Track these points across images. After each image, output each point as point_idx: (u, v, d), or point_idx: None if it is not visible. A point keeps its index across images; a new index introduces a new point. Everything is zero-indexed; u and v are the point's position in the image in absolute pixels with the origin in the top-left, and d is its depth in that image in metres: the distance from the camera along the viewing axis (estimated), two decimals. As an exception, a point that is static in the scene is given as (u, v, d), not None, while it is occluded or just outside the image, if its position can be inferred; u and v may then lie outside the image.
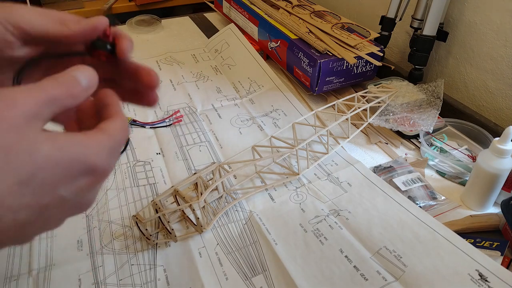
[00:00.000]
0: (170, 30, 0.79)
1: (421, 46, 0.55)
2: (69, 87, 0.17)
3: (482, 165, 0.38)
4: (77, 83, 0.18)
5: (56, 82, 0.17)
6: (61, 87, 0.17)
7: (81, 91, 0.18)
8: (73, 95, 0.18)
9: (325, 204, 0.40)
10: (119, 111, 0.20)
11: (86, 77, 0.18)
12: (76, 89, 0.18)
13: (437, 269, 0.33)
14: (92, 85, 0.19)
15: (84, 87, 0.18)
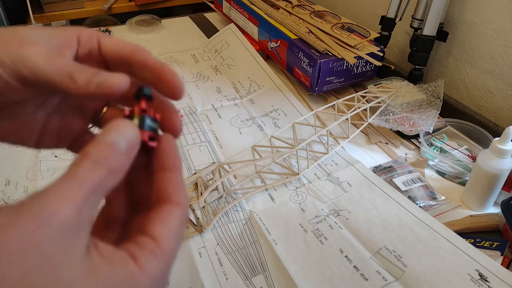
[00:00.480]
0: (170, 30, 0.79)
1: (421, 46, 0.55)
2: (109, 162, 0.14)
3: (482, 165, 0.38)
4: (117, 152, 0.14)
5: (90, 162, 0.14)
6: (99, 168, 0.14)
7: (124, 161, 0.15)
8: (116, 171, 0.14)
9: (325, 204, 0.40)
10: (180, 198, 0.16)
11: (125, 136, 0.15)
12: (118, 160, 0.14)
13: (437, 269, 0.33)
14: (134, 144, 0.15)
15: (126, 152, 0.15)
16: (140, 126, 0.16)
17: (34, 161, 0.46)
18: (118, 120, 0.15)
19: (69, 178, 0.13)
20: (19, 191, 0.42)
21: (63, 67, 0.16)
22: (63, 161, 0.46)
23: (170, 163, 0.17)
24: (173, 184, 0.17)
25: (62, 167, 0.45)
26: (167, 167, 0.17)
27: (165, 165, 0.17)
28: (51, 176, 0.44)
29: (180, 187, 0.17)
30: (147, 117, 0.17)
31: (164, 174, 0.17)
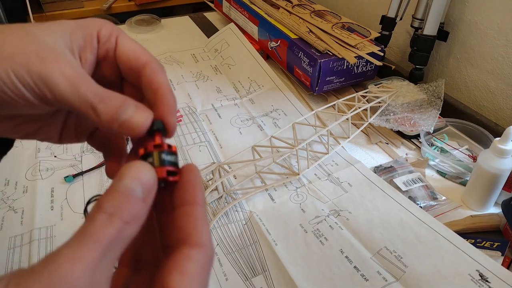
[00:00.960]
0: (170, 29, 0.79)
1: (422, 46, 0.55)
2: (125, 212, 0.13)
3: (482, 165, 0.38)
4: (133, 200, 0.13)
5: (104, 215, 0.13)
6: (114, 221, 0.13)
7: (141, 207, 0.14)
8: (134, 219, 0.13)
9: (325, 204, 0.40)
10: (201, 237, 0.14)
11: (139, 180, 0.14)
12: (134, 208, 0.13)
13: (437, 270, 0.33)
14: (151, 186, 0.14)
15: (143, 197, 0.14)
16: (157, 163, 0.15)
17: (33, 161, 0.46)
18: (131, 164, 0.14)
19: (82, 236, 0.12)
20: (19, 191, 0.42)
21: (87, 96, 0.15)
22: (62, 161, 0.46)
23: (189, 197, 0.16)
24: (193, 220, 0.15)
25: (62, 167, 0.45)
26: (186, 201, 0.15)
27: (184, 199, 0.16)
28: (51, 176, 0.44)
29: (201, 224, 0.15)
30: (164, 152, 0.16)
31: (183, 210, 0.15)
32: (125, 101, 0.16)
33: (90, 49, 0.18)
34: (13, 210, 0.40)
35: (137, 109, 0.16)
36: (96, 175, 0.44)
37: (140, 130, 0.16)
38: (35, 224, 0.38)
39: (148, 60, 0.18)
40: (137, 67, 0.18)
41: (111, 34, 0.18)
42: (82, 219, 0.39)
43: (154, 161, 0.15)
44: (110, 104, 0.16)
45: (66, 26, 0.17)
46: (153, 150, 0.16)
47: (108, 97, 0.16)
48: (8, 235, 0.37)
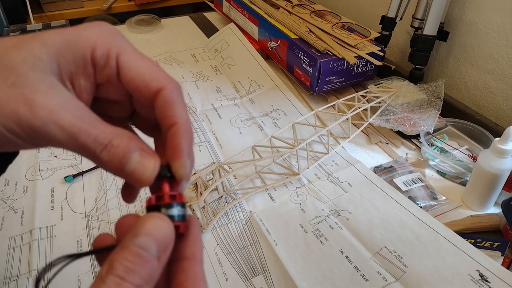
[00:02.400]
0: (170, 29, 0.79)
1: (422, 46, 0.55)
2: (137, 274, 0.12)
3: (482, 165, 0.38)
4: (147, 260, 0.13)
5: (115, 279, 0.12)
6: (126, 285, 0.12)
7: (155, 268, 0.13)
8: (146, 281, 0.12)
9: (325, 204, 0.40)
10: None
11: (156, 239, 0.13)
12: (148, 269, 0.13)
13: (437, 270, 0.33)
14: (168, 245, 0.13)
15: (158, 256, 0.13)
16: (169, 217, 0.14)
17: (33, 161, 0.46)
18: (146, 218, 0.13)
19: None
20: (19, 191, 0.42)
21: (87, 145, 0.14)
22: (62, 161, 0.46)
23: (189, 252, 0.15)
24: (192, 279, 0.14)
25: (62, 167, 0.45)
26: (186, 256, 0.15)
27: (184, 253, 0.15)
28: (51, 176, 0.44)
29: (199, 282, 0.14)
30: (177, 206, 0.15)
31: (182, 265, 0.14)
32: (129, 146, 0.14)
33: (84, 76, 0.15)
34: (13, 210, 0.40)
35: (142, 158, 0.14)
36: (96, 175, 0.44)
37: (146, 183, 0.14)
38: (35, 224, 0.38)
39: (161, 86, 0.15)
40: (149, 96, 0.15)
41: (109, 55, 0.15)
42: (82, 219, 0.39)
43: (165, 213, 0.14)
44: (114, 152, 0.14)
45: (51, 47, 0.14)
46: (161, 203, 0.14)
47: (111, 143, 0.14)
48: (8, 235, 0.37)
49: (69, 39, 0.15)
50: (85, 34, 0.15)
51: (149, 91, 0.15)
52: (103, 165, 0.14)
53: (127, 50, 0.15)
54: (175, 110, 0.15)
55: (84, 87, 0.15)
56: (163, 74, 0.16)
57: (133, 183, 0.15)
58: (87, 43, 0.15)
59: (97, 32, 0.15)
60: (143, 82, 0.15)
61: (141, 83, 0.15)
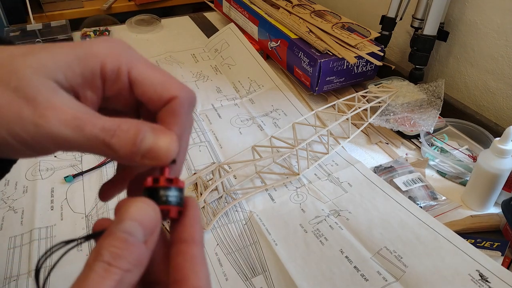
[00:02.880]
0: (170, 29, 0.79)
1: (422, 46, 0.55)
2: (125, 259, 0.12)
3: (482, 165, 0.38)
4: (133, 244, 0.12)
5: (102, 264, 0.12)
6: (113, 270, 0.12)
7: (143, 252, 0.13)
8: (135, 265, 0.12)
9: (325, 204, 0.40)
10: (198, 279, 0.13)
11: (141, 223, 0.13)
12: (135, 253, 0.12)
13: (437, 270, 0.33)
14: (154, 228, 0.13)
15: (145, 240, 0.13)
16: (163, 201, 0.14)
17: (33, 161, 0.46)
18: (130, 202, 0.13)
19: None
20: (19, 191, 0.42)
21: (95, 135, 0.13)
22: (62, 161, 0.46)
23: (187, 234, 0.14)
24: (190, 261, 0.14)
25: (61, 167, 0.45)
26: (184, 239, 0.14)
27: (182, 235, 0.14)
28: (51, 176, 0.44)
29: (199, 266, 0.14)
30: (172, 189, 0.14)
31: (179, 248, 0.14)
32: (139, 127, 0.14)
33: (92, 89, 0.15)
34: (13, 210, 0.40)
35: (156, 134, 0.14)
36: (96, 175, 0.44)
37: (166, 158, 0.14)
38: (35, 224, 0.38)
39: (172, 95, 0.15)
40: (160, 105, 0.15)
41: (120, 70, 0.15)
42: (82, 219, 0.39)
43: (159, 198, 0.14)
44: (124, 136, 0.14)
45: (60, 58, 0.14)
46: (159, 186, 0.14)
47: (119, 128, 0.14)
48: (8, 235, 0.37)
49: (79, 52, 0.15)
50: (95, 49, 0.15)
51: (162, 102, 0.15)
52: (115, 153, 0.14)
53: (138, 64, 0.15)
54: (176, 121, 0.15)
55: (90, 98, 0.15)
56: (176, 83, 0.16)
57: (153, 163, 0.14)
58: (97, 57, 0.15)
59: (107, 47, 0.15)
60: (156, 93, 0.15)
61: (154, 94, 0.15)
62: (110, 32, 0.76)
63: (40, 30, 0.74)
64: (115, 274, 0.12)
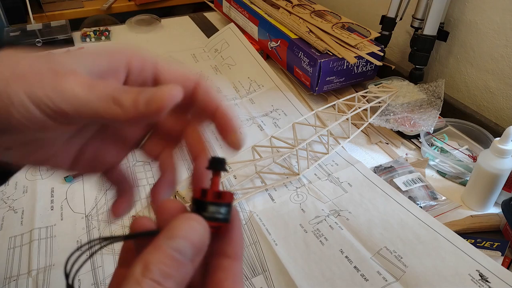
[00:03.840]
0: (170, 29, 0.79)
1: (422, 46, 0.55)
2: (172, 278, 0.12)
3: (482, 165, 0.38)
4: (182, 263, 0.12)
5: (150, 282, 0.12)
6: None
7: (188, 270, 0.13)
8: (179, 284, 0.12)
9: (325, 204, 0.40)
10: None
11: (192, 242, 0.13)
12: (182, 272, 0.12)
13: (437, 270, 0.33)
14: (202, 248, 0.13)
15: (192, 259, 0.13)
16: (210, 216, 0.14)
17: (33, 161, 0.46)
18: (183, 220, 0.13)
19: None
20: (19, 191, 0.42)
21: (106, 92, 0.14)
22: (62, 161, 0.46)
23: (230, 249, 0.14)
24: (232, 278, 0.14)
25: (62, 167, 0.45)
26: (226, 253, 0.14)
27: (224, 250, 0.14)
28: (51, 176, 0.44)
29: (239, 283, 0.14)
30: (223, 206, 0.14)
31: (221, 262, 0.14)
32: (147, 87, 0.15)
33: (114, 76, 0.16)
34: (13, 210, 0.40)
35: (161, 86, 0.14)
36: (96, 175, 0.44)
37: (169, 101, 0.14)
38: (35, 224, 0.38)
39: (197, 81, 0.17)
40: (188, 90, 0.16)
41: (145, 65, 0.16)
42: (82, 219, 0.39)
43: (208, 213, 0.14)
44: (133, 91, 0.14)
45: (90, 55, 0.16)
46: (210, 201, 0.14)
47: (128, 88, 0.15)
48: (8, 235, 0.37)
49: (108, 49, 0.16)
50: (122, 48, 0.17)
51: (189, 84, 0.16)
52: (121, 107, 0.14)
53: (162, 59, 0.17)
54: (216, 97, 0.17)
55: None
56: (193, 73, 0.17)
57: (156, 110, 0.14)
58: (123, 53, 0.16)
59: (132, 50, 0.17)
60: (183, 77, 0.16)
61: (181, 78, 0.16)
62: (110, 32, 0.76)
63: (40, 30, 0.74)
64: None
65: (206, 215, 0.14)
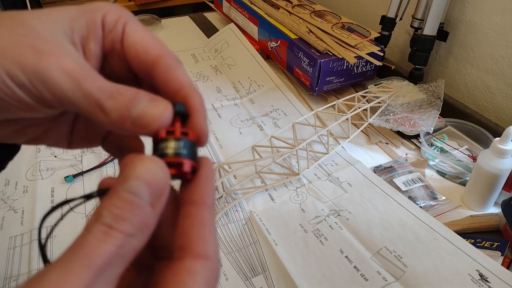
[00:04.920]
0: (170, 29, 0.79)
1: (422, 46, 0.55)
2: (128, 222, 0.11)
3: (482, 165, 0.38)
4: (138, 206, 0.11)
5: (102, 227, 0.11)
6: (113, 234, 0.11)
7: (149, 215, 0.12)
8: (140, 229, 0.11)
9: (325, 204, 0.40)
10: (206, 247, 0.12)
11: (148, 182, 0.12)
12: (140, 216, 0.11)
13: (437, 270, 0.33)
14: (162, 190, 0.12)
15: (152, 202, 0.12)
16: (176, 153, 0.13)
17: (33, 161, 0.46)
18: (136, 159, 0.12)
19: (74, 255, 0.10)
20: (19, 191, 0.42)
21: (92, 92, 0.13)
22: (62, 161, 0.46)
23: (197, 195, 0.13)
24: (199, 226, 0.13)
25: (62, 167, 0.45)
26: (193, 200, 0.13)
27: (191, 197, 0.13)
28: (51, 176, 0.44)
29: (208, 230, 0.13)
30: (184, 142, 0.13)
31: (188, 210, 0.13)
32: (138, 94, 0.13)
33: (94, 39, 0.15)
34: (13, 210, 0.40)
35: (152, 101, 0.13)
36: (96, 175, 0.44)
37: (156, 125, 0.13)
38: (35, 224, 0.38)
39: (160, 54, 0.15)
40: (148, 64, 0.15)
41: (118, 21, 0.15)
42: (82, 219, 0.39)
43: (167, 152, 0.13)
44: (121, 99, 0.13)
45: (66, 13, 0.14)
46: (167, 137, 0.13)
47: (117, 91, 0.13)
48: (8, 235, 0.37)
49: (84, 8, 0.15)
50: (98, 4, 0.16)
51: (148, 57, 0.15)
52: (106, 115, 0.13)
53: (134, 21, 0.16)
54: (179, 73, 0.15)
55: (94, 52, 0.15)
56: (163, 45, 0.16)
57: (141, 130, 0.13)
58: (99, 10, 0.15)
59: (109, 5, 0.16)
60: (143, 47, 0.15)
61: (140, 47, 0.15)
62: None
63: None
64: (115, 238, 0.11)
65: (160, 153, 0.13)
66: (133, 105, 0.13)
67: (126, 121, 0.13)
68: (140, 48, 0.15)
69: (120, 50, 0.15)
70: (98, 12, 0.15)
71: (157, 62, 0.15)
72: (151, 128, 0.13)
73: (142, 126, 0.13)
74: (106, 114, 0.13)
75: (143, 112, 0.13)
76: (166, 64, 0.15)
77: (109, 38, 0.15)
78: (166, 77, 0.15)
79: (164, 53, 0.15)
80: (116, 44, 0.15)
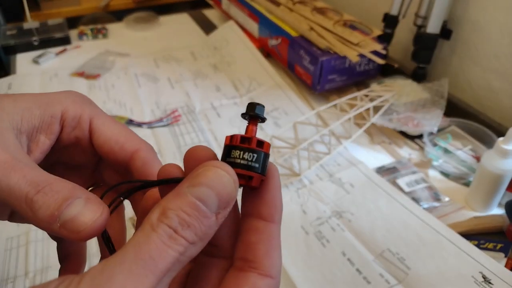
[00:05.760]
0: (168, 27, 0.78)
1: (425, 44, 0.55)
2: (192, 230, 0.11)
3: (486, 166, 0.37)
4: (205, 216, 0.11)
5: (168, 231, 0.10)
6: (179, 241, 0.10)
7: (212, 225, 0.11)
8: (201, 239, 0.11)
9: (327, 205, 0.39)
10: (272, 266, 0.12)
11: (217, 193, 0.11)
12: (204, 226, 0.11)
13: (440, 272, 0.32)
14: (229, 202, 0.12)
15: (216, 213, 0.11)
16: (246, 166, 0.12)
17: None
18: (209, 167, 0.11)
19: (141, 253, 0.10)
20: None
21: (19, 186, 0.12)
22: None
23: (266, 211, 0.13)
24: (267, 243, 0.13)
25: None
26: (262, 215, 0.13)
27: (260, 211, 0.13)
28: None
29: (275, 249, 0.13)
30: (258, 154, 0.12)
31: (255, 223, 0.13)
32: (74, 191, 0.12)
33: (47, 132, 0.14)
34: (9, 211, 0.39)
35: (88, 204, 0.12)
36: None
37: (85, 234, 0.12)
38: (32, 225, 0.37)
39: (136, 148, 0.15)
40: (124, 159, 0.15)
41: (81, 117, 0.15)
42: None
43: (240, 163, 0.12)
44: (52, 196, 0.12)
45: (22, 102, 0.14)
46: (243, 146, 0.12)
47: (50, 186, 0.12)
48: (5, 237, 0.36)
49: (42, 98, 0.14)
50: (58, 96, 0.15)
51: (124, 153, 0.15)
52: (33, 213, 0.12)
53: (100, 115, 0.15)
54: (157, 168, 0.14)
55: (41, 143, 0.14)
56: (136, 136, 0.15)
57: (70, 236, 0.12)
58: (59, 103, 0.15)
59: (70, 97, 0.15)
60: (118, 144, 0.15)
61: (115, 144, 0.15)
62: (107, 30, 0.75)
63: (37, 28, 0.73)
64: (180, 245, 0.10)
65: (232, 161, 0.12)
66: (66, 205, 0.12)
67: (54, 222, 0.12)
68: (114, 144, 0.15)
69: (87, 145, 0.15)
70: (57, 106, 0.15)
71: (134, 157, 0.15)
72: (79, 236, 0.12)
73: (72, 232, 0.12)
74: (33, 211, 0.12)
75: (75, 216, 0.12)
76: (142, 159, 0.15)
77: (72, 135, 0.15)
78: (144, 170, 0.15)
79: (140, 146, 0.15)
80: (82, 140, 0.15)
